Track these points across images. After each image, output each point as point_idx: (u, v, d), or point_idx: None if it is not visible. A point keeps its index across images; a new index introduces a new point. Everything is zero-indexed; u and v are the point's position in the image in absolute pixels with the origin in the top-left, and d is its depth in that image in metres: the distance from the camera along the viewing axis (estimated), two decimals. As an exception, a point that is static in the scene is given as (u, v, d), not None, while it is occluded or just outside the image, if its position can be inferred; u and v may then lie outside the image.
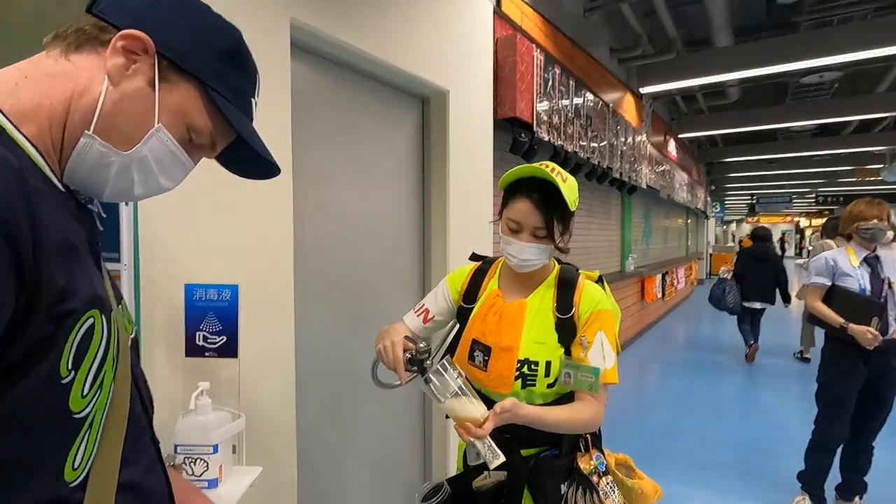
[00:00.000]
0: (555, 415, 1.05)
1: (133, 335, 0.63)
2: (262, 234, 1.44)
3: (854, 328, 2.25)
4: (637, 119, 5.87)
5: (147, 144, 0.54)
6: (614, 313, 1.15)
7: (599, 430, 1.22)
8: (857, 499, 2.49)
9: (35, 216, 0.43)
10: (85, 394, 0.48)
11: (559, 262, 1.24)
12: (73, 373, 0.46)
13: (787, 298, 5.29)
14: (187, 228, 1.25)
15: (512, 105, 2.80)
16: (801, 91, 7.46)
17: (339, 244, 1.90)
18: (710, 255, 15.11)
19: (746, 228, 30.05)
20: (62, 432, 0.47)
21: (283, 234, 1.51)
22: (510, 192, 1.13)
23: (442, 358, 1.02)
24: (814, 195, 17.95)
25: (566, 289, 1.15)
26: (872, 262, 2.38)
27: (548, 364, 1.09)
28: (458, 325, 1.16)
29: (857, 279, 2.36)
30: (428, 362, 1.03)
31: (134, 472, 0.55)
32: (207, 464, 1.03)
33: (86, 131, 0.51)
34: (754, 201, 19.12)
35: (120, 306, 0.60)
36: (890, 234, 2.37)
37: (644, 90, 5.69)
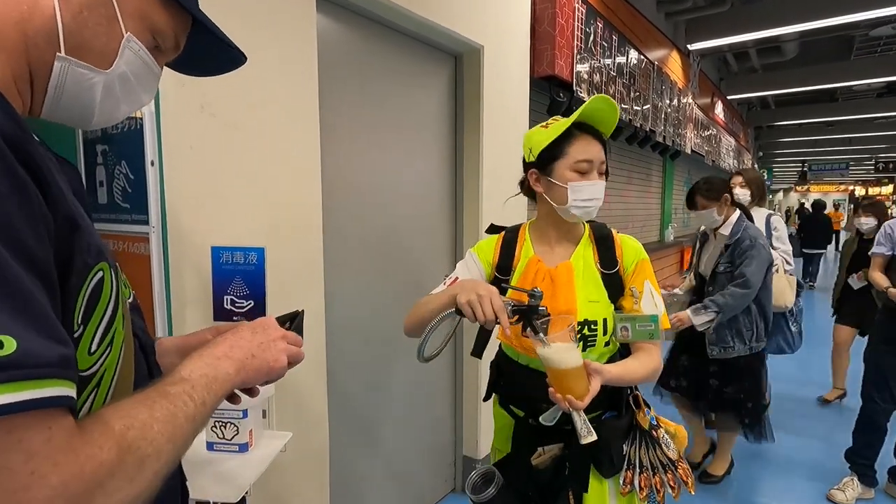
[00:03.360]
0: (633, 368, 1.04)
1: (131, 299, 0.60)
2: (290, 196, 1.40)
3: (913, 301, 2.07)
4: (683, 79, 5.50)
5: (123, 58, 0.51)
6: (649, 261, 1.15)
7: (637, 386, 1.21)
8: (911, 482, 2.36)
9: (37, 149, 0.40)
10: (92, 351, 0.45)
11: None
12: (81, 327, 0.44)
13: (836, 245, 8.98)
14: (214, 190, 1.22)
15: (550, 62, 2.63)
16: (869, 45, 6.82)
17: (368, 207, 1.85)
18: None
19: (795, 198, 28.46)
20: None
21: (311, 197, 1.46)
22: (563, 138, 1.06)
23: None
24: (873, 161, 16.73)
25: (605, 244, 1.12)
26: None
27: (605, 322, 1.07)
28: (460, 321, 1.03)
29: (922, 248, 2.16)
30: (542, 308, 0.95)
31: None
32: (238, 428, 1.02)
33: (58, 53, 0.46)
34: (806, 168, 17.99)
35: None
36: None
37: (693, 46, 5.31)
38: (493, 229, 1.28)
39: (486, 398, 1.25)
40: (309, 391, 1.50)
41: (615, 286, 1.09)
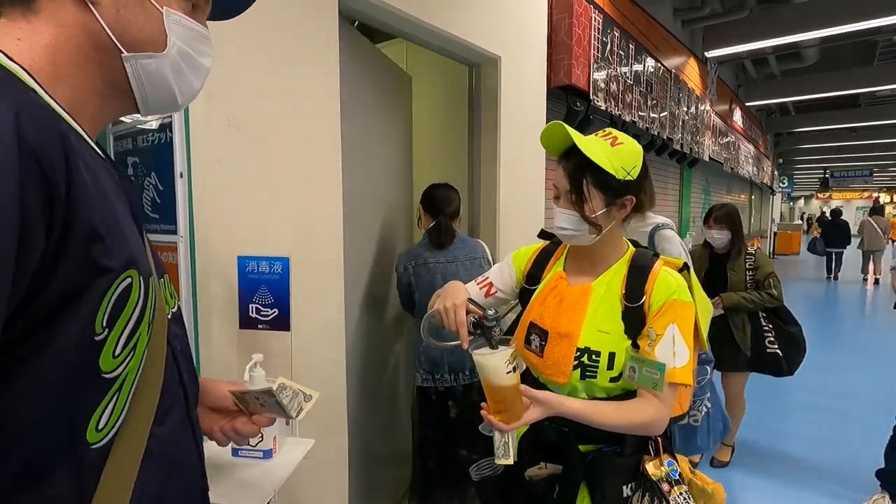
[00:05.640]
0: (604, 412, 0.93)
1: (175, 310, 0.61)
2: (312, 206, 1.43)
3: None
4: (701, 86, 5.46)
5: (174, 33, 0.53)
6: (694, 306, 1.00)
7: (671, 434, 1.08)
8: (945, 500, 2.27)
9: (70, 156, 0.42)
10: (117, 354, 0.46)
11: (637, 245, 1.11)
12: (106, 331, 0.45)
13: (849, 243, 10.01)
14: (240, 201, 1.25)
15: (567, 72, 2.64)
16: (892, 50, 6.68)
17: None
18: (775, 233, 14.05)
19: (816, 205, 27.90)
20: (89, 391, 0.45)
21: (332, 206, 1.49)
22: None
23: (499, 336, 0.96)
24: (898, 168, 16.33)
25: (637, 274, 1.02)
26: None
27: (611, 356, 0.98)
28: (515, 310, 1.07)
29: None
30: (496, 330, 0.95)
31: (161, 441, 0.53)
32: (262, 435, 1.04)
33: (122, 55, 0.50)
34: (827, 175, 17.64)
35: (162, 280, 0.58)
36: None
37: (710, 54, 5.27)
38: (542, 235, 1.23)
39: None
40: (330, 398, 1.51)
41: (635, 321, 0.99)
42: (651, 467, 1.00)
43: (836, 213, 10.47)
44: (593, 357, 0.99)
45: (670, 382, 0.93)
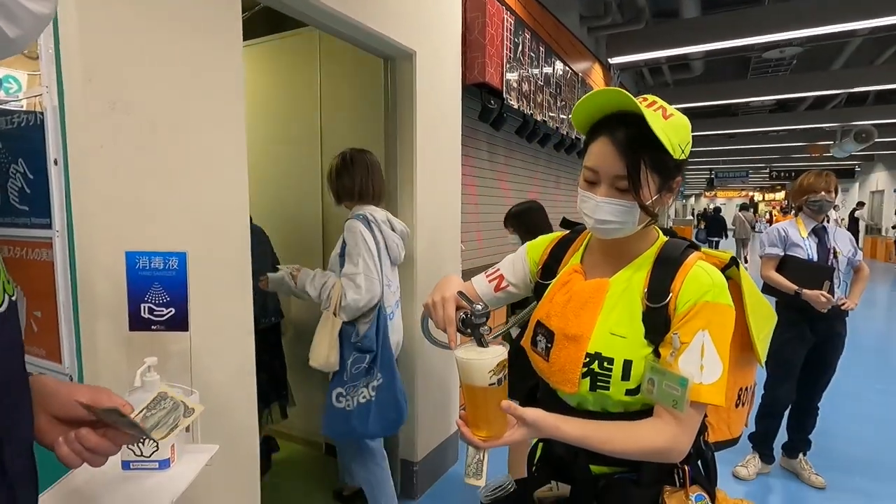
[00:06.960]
0: (609, 435, 0.79)
1: None
2: (215, 199, 1.34)
3: (808, 293, 2.34)
4: (605, 90, 5.85)
5: None
6: (733, 311, 0.83)
7: (713, 462, 0.95)
8: (800, 456, 2.65)
9: None
10: None
11: (672, 234, 0.95)
12: None
13: (727, 235, 12.99)
14: (131, 192, 1.14)
15: (481, 70, 2.71)
16: (761, 66, 7.62)
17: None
18: (671, 227, 15.55)
19: (704, 202, 31.19)
20: None
21: (238, 199, 1.41)
22: (590, 133, 0.87)
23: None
24: (768, 170, 18.69)
25: (664, 268, 0.85)
26: (820, 233, 2.47)
27: (626, 364, 0.83)
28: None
29: (806, 249, 2.45)
30: (484, 328, 0.84)
31: None
32: (157, 444, 0.96)
33: None
34: (712, 176, 19.75)
35: None
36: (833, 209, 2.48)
37: (613, 60, 5.67)
38: (565, 224, 1.12)
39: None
40: (238, 400, 1.44)
41: (658, 325, 0.83)
42: (673, 501, 0.84)
43: (717, 210, 13.94)
44: (605, 364, 0.84)
45: (694, 401, 0.78)
